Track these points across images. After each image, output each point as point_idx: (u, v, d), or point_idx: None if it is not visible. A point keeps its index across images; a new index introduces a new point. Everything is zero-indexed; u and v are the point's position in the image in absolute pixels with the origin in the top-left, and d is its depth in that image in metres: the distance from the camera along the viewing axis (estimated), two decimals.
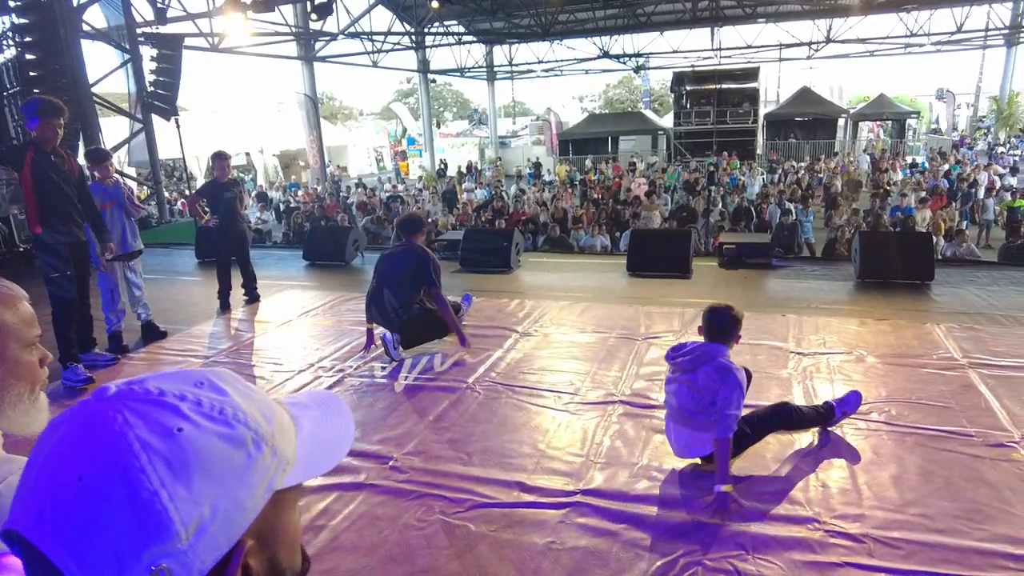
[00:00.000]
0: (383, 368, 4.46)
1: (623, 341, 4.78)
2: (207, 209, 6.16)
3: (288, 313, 5.90)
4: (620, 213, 12.52)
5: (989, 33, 24.03)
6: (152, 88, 10.68)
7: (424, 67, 26.77)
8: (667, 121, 29.39)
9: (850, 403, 3.36)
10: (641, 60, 27.46)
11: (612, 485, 2.95)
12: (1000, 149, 22.14)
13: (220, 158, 6.09)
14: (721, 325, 3.01)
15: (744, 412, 2.93)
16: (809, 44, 23.86)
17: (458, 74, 29.65)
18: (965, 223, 12.75)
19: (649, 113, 32.41)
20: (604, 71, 33.08)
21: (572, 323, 5.25)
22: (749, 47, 24.72)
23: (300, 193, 19.29)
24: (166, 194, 15.35)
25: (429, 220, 12.91)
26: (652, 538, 2.57)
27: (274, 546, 0.55)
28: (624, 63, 27.65)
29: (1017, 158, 19.52)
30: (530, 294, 6.22)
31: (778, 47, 24.79)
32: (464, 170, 24.57)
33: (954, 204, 13.84)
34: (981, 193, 14.59)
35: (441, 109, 52.66)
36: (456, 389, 4.04)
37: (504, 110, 40.92)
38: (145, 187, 15.46)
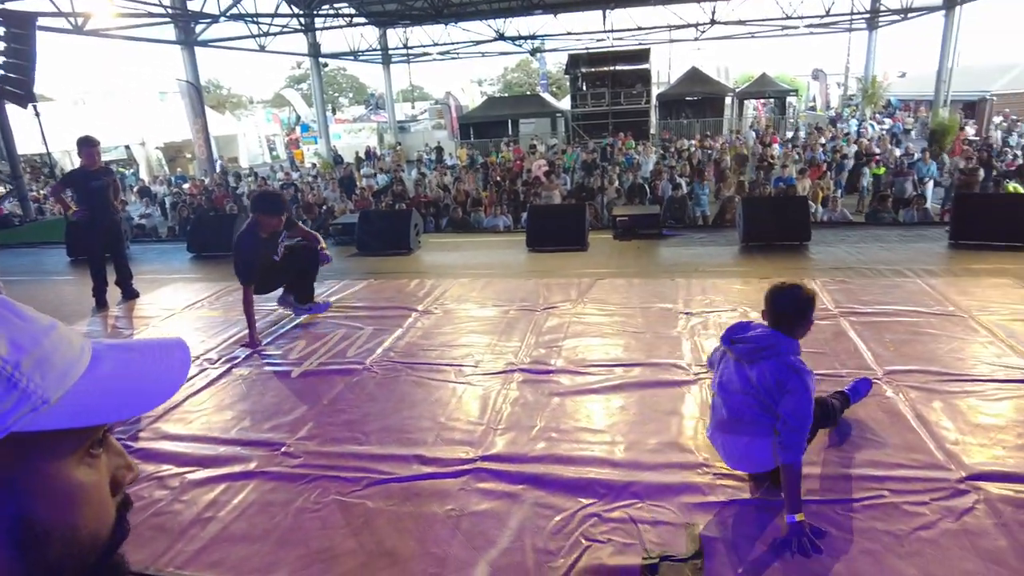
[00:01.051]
0: (272, 357, 4.27)
1: (523, 313, 4.81)
2: (73, 200, 5.65)
3: (172, 306, 5.54)
4: (522, 194, 12.62)
5: (854, 17, 25.88)
6: (2, 72, 9.67)
7: (315, 51, 25.76)
8: (565, 104, 29.85)
9: (860, 392, 3.11)
10: (537, 42, 27.66)
11: (512, 449, 2.95)
12: (866, 124, 23.96)
13: (86, 144, 5.57)
14: (792, 307, 2.38)
15: None
16: (696, 26, 24.81)
17: (351, 58, 28.75)
18: (839, 191, 13.73)
19: (547, 96, 32.80)
20: (501, 54, 33.09)
21: (473, 299, 5.23)
22: (640, 28, 25.41)
23: (186, 186, 18.18)
24: (33, 192, 14.04)
25: (324, 207, 12.51)
26: (551, 495, 2.60)
27: (31, 504, 0.46)
28: (519, 46, 27.75)
29: (883, 130, 21.17)
30: (431, 273, 6.15)
31: (668, 28, 25.63)
32: (363, 156, 23.96)
33: (829, 174, 14.87)
34: (848, 165, 15.76)
35: (336, 94, 51.06)
36: (353, 371, 3.92)
37: (403, 95, 40.21)
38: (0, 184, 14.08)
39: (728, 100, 28.30)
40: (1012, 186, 10.60)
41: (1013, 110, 22.99)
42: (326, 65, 27.86)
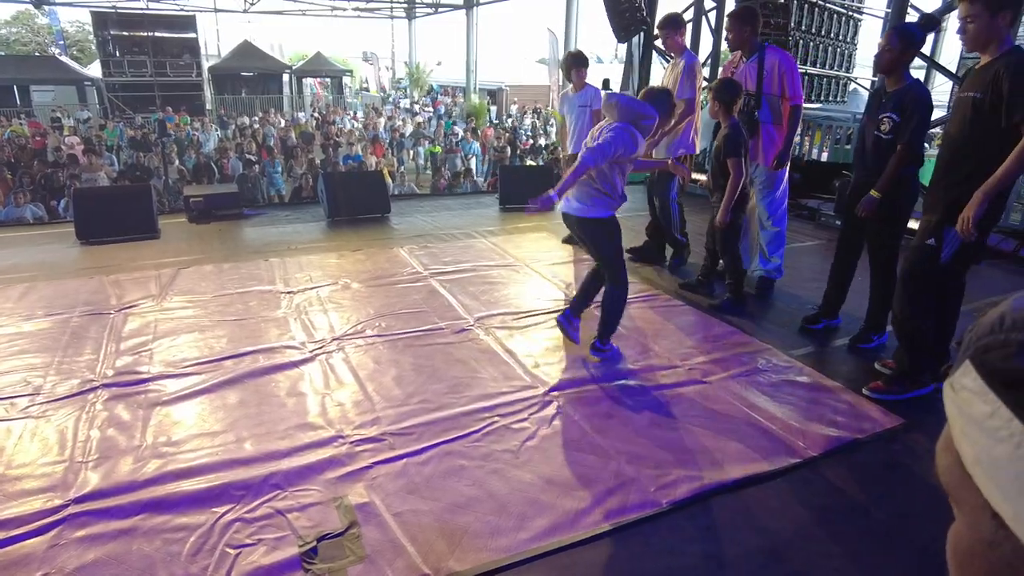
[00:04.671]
0: None
1: (91, 319, 3.99)
2: None
3: None
4: (53, 177, 10.29)
5: (394, 6, 28.18)
6: None
7: None
8: (95, 70, 25.14)
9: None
10: None
11: (115, 480, 2.46)
12: (416, 106, 26.59)
13: None
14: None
15: None
16: None
17: None
18: (402, 167, 15.01)
19: (67, 60, 27.09)
20: None
21: (11, 311, 4.10)
22: None
23: None
24: None
25: None
26: (179, 516, 2.26)
27: None
28: None
29: (430, 113, 23.80)
30: None
31: None
32: None
33: (390, 151, 16.10)
34: (408, 143, 17.37)
35: None
36: None
37: None
38: None
39: (286, 77, 27.89)
40: (530, 161, 13.18)
41: (522, 99, 28.38)
42: None
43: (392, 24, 31.09)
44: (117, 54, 23.29)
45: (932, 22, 4.02)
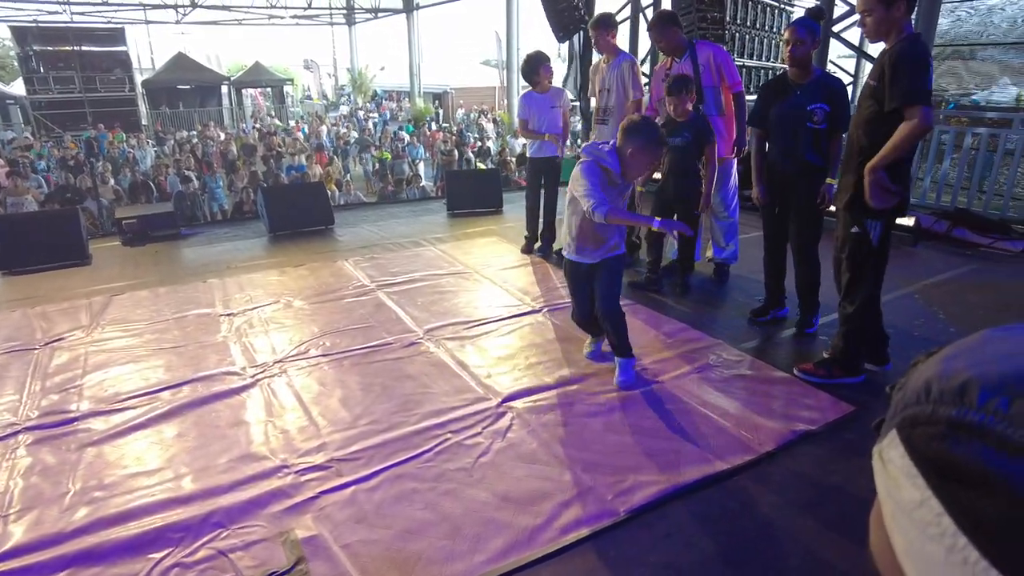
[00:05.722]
0: None
1: (14, 356, 3.75)
2: None
3: None
4: None
5: (333, 11, 27.70)
6: None
7: None
8: (17, 88, 23.99)
9: None
10: None
11: (39, 532, 2.28)
12: (360, 112, 26.20)
13: None
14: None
15: None
16: (176, 7, 22.85)
17: None
18: (348, 175, 14.73)
19: None
20: None
21: None
22: (107, 4, 22.10)
23: None
24: None
25: None
26: (111, 567, 2.11)
27: None
28: None
29: (375, 119, 23.48)
30: None
31: (142, 7, 22.92)
32: None
33: (336, 159, 15.79)
34: (353, 150, 17.08)
35: None
36: None
37: None
38: None
39: (224, 89, 27.15)
40: (479, 165, 13.10)
41: (468, 101, 28.27)
42: None
43: (332, 30, 30.59)
44: (41, 70, 22.28)
45: (821, 14, 4.16)
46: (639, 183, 4.57)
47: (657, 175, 4.83)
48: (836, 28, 7.27)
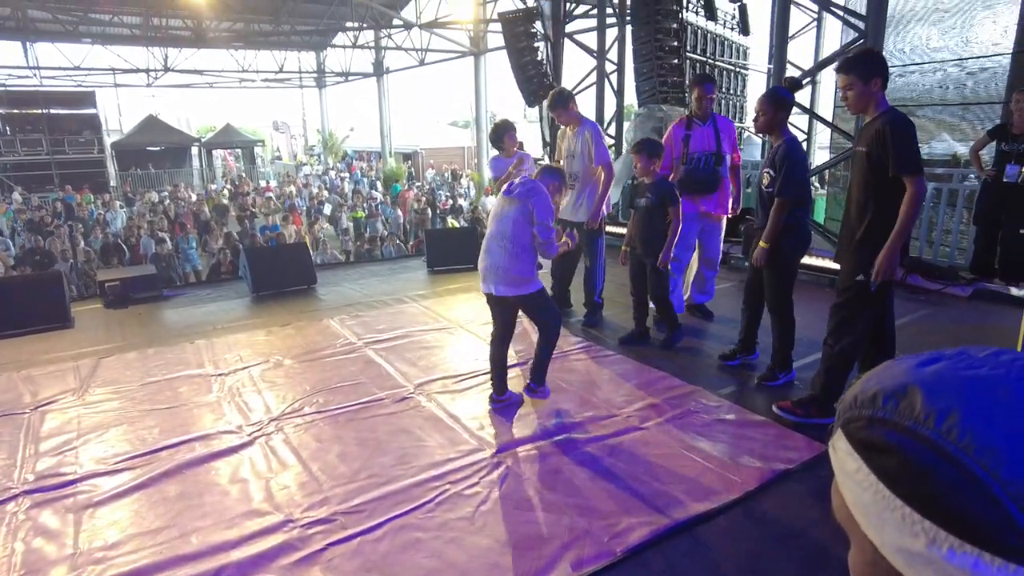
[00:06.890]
0: None
1: (3, 420, 3.75)
2: None
3: None
4: None
5: (303, 75, 28.35)
6: None
7: None
8: None
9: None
10: None
11: None
12: (332, 173, 26.57)
13: None
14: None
15: None
16: (147, 71, 23.18)
17: None
18: (322, 235, 14.88)
19: None
20: None
21: None
22: (77, 69, 22.32)
23: None
24: None
25: None
26: None
27: None
28: None
29: (347, 178, 23.82)
30: None
31: (111, 72, 23.20)
32: None
33: (322, 219, 15.94)
34: (327, 210, 17.28)
35: None
36: None
37: None
38: None
39: (195, 150, 27.37)
40: (452, 222, 13.40)
41: (438, 161, 28.89)
42: None
43: (302, 93, 31.24)
44: (9, 133, 22.24)
45: (796, 85, 4.54)
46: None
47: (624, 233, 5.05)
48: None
